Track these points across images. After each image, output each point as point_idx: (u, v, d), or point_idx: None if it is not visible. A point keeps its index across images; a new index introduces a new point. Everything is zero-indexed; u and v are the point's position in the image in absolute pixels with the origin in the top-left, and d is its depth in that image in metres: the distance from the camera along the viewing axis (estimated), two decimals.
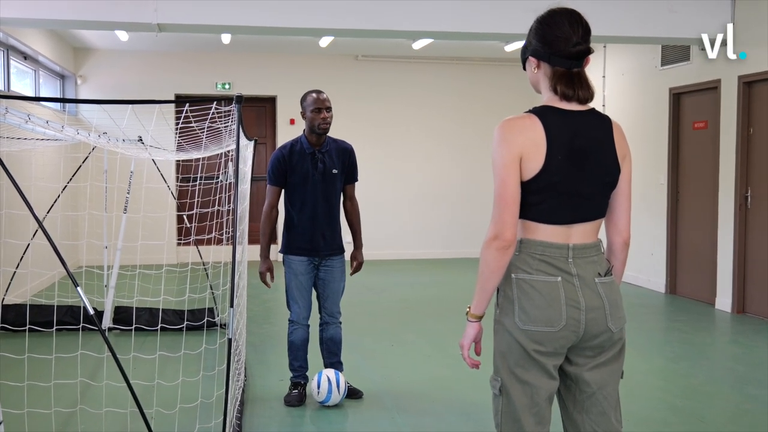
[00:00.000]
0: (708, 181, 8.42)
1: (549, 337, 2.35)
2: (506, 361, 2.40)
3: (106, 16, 7.07)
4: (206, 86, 11.81)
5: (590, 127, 2.42)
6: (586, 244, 2.41)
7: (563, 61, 2.38)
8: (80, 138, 4.91)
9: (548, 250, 2.37)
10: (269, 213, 4.90)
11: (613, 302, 2.42)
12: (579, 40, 2.37)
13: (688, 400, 5.16)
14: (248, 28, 7.64)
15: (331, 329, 4.95)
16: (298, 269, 4.83)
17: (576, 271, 2.37)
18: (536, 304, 2.34)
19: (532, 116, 2.38)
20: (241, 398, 4.73)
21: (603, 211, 2.48)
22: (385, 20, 7.42)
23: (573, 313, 2.34)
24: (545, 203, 2.36)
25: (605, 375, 2.45)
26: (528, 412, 2.39)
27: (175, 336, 6.06)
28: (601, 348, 2.42)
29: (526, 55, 2.48)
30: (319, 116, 4.76)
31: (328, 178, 4.81)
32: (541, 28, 2.43)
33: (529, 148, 2.33)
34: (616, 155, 2.45)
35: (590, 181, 2.40)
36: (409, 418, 4.66)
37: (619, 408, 2.51)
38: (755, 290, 7.80)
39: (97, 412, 4.28)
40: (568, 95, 2.38)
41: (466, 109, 12.55)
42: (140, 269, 6.50)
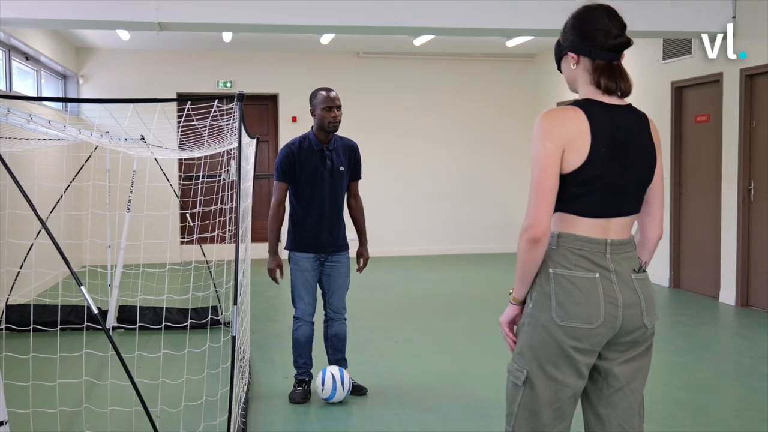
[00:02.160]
0: (711, 175, 8.41)
1: (587, 334, 2.33)
2: (537, 356, 2.37)
3: (108, 15, 7.07)
4: (208, 85, 11.81)
5: (630, 122, 2.43)
6: (622, 240, 2.41)
7: (604, 53, 2.38)
8: (82, 138, 4.91)
9: (587, 245, 2.36)
10: (277, 209, 4.87)
11: (648, 298, 2.41)
12: (618, 32, 2.39)
13: (693, 393, 5.15)
14: (249, 26, 7.64)
15: (336, 325, 4.95)
16: (305, 266, 4.83)
17: (613, 266, 2.36)
18: (575, 300, 2.33)
19: (576, 108, 2.37)
20: (246, 396, 4.73)
21: (639, 206, 2.49)
22: (386, 17, 7.42)
23: (611, 310, 2.34)
24: (587, 196, 2.36)
25: (634, 370, 2.44)
26: (549, 407, 2.38)
27: (179, 334, 6.08)
28: (634, 343, 2.42)
29: (564, 52, 2.48)
30: (330, 114, 4.76)
31: (335, 175, 4.82)
32: (579, 22, 2.42)
33: (573, 140, 2.32)
34: (654, 151, 2.46)
35: (629, 175, 2.40)
36: (414, 415, 4.67)
37: (643, 404, 2.51)
38: (759, 283, 7.79)
39: (102, 411, 4.29)
40: (611, 88, 2.39)
41: (469, 104, 12.54)
42: (144, 268, 6.51)
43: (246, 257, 5.11)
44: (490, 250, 12.27)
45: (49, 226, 3.33)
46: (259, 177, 11.94)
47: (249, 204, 5.31)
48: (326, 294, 4.96)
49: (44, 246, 3.37)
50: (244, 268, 4.88)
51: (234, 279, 3.40)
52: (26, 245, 6.35)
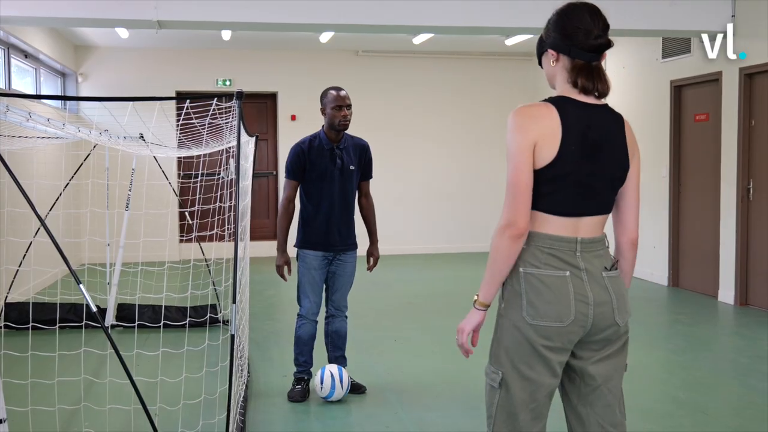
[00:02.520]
0: (710, 174, 8.41)
1: (558, 332, 2.33)
2: (510, 356, 2.38)
3: (107, 13, 7.07)
4: (207, 83, 11.81)
5: (604, 122, 2.42)
6: (593, 238, 2.40)
7: (584, 53, 2.37)
8: (81, 136, 4.91)
9: (557, 243, 2.36)
10: (287, 207, 4.92)
11: (620, 296, 2.41)
12: (600, 33, 2.37)
13: (692, 392, 5.16)
14: (248, 24, 7.64)
15: (336, 322, 4.97)
16: (312, 264, 4.84)
17: (584, 265, 2.36)
18: (545, 299, 2.33)
19: (549, 105, 2.37)
20: (245, 394, 4.73)
21: (610, 206, 2.48)
22: (385, 15, 7.42)
23: (581, 308, 2.34)
24: (556, 194, 2.35)
25: (610, 368, 2.44)
26: (526, 407, 2.38)
27: (178, 333, 6.07)
28: (607, 341, 2.42)
29: (544, 48, 2.47)
30: (340, 113, 4.78)
31: (345, 174, 4.84)
32: (561, 20, 2.41)
33: (544, 136, 2.32)
34: (627, 152, 2.45)
35: (601, 174, 2.40)
36: (413, 413, 4.67)
37: (622, 400, 2.52)
38: (758, 282, 7.79)
39: (100, 409, 4.29)
40: (588, 88, 2.38)
41: (468, 103, 12.54)
42: (143, 266, 6.51)
43: (245, 256, 5.11)
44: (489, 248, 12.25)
45: (48, 224, 3.33)
46: (258, 175, 11.94)
47: (248, 202, 5.31)
48: (329, 291, 4.98)
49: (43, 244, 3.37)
50: (243, 266, 4.88)
51: (233, 277, 3.40)
52: (25, 243, 6.35)
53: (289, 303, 8.65)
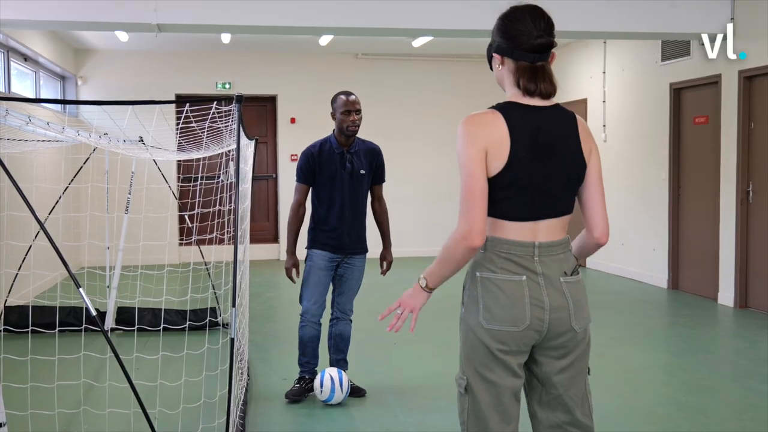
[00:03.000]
0: (709, 176, 8.41)
1: (513, 336, 2.33)
2: (471, 360, 2.40)
3: (106, 16, 7.07)
4: (207, 86, 11.82)
5: (554, 123, 2.40)
6: (552, 241, 2.38)
7: (526, 54, 2.36)
8: (81, 139, 4.91)
9: (514, 248, 2.35)
10: (297, 210, 4.93)
11: (577, 302, 2.39)
12: (541, 33, 2.35)
13: (691, 394, 5.15)
14: (248, 27, 7.64)
15: (340, 325, 4.97)
16: (320, 264, 4.86)
17: (541, 269, 2.35)
18: (500, 304, 2.33)
19: (495, 112, 2.36)
20: (245, 397, 4.73)
21: (569, 207, 2.46)
22: (385, 18, 7.42)
23: (537, 313, 2.33)
24: (510, 200, 2.34)
25: (571, 377, 2.43)
26: (493, 410, 2.37)
27: (178, 336, 6.07)
28: (566, 348, 2.40)
29: (491, 53, 2.47)
30: (349, 118, 4.81)
31: (355, 178, 4.87)
32: (503, 23, 2.42)
33: (493, 144, 2.31)
34: (581, 150, 2.43)
35: (555, 176, 2.38)
36: (413, 416, 4.66)
37: (586, 403, 2.48)
38: (757, 285, 7.79)
39: (100, 412, 4.29)
40: (530, 89, 2.37)
41: (467, 105, 12.51)
42: (142, 269, 6.51)
43: (245, 258, 5.11)
44: None
45: (48, 228, 3.33)
46: (258, 178, 11.95)
47: (248, 205, 5.31)
48: (335, 293, 5.00)
49: (43, 247, 3.38)
50: (243, 269, 4.88)
51: (232, 281, 3.40)
52: (25, 247, 6.35)
53: (289, 305, 8.65)
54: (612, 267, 9.93)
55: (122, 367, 3.19)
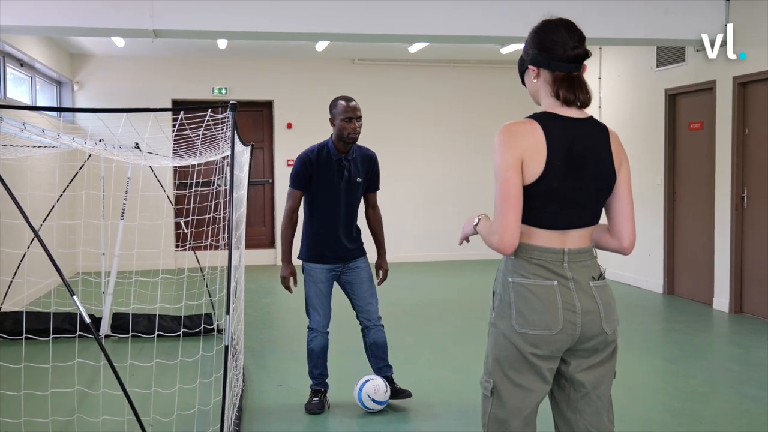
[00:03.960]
0: (704, 182, 8.43)
1: (546, 341, 2.38)
2: (500, 364, 2.44)
3: (102, 22, 7.07)
4: (203, 91, 11.82)
5: (588, 135, 2.45)
6: (580, 249, 2.44)
7: (563, 65, 2.42)
8: (76, 146, 4.91)
9: (544, 254, 2.40)
10: (290, 217, 4.78)
11: (607, 305, 2.46)
12: (576, 44, 2.42)
13: (687, 401, 5.16)
14: (244, 33, 7.65)
15: (372, 333, 4.84)
16: (318, 277, 4.73)
17: (571, 275, 2.40)
18: (534, 308, 2.38)
19: (533, 122, 2.41)
20: (240, 404, 4.72)
21: (597, 218, 2.51)
22: (381, 24, 7.43)
23: (569, 317, 2.38)
24: (542, 208, 2.40)
25: (599, 375, 2.48)
26: (518, 415, 2.43)
27: (174, 342, 6.06)
28: (596, 350, 2.46)
29: (525, 66, 2.52)
30: (349, 126, 4.67)
31: (352, 186, 4.75)
32: (538, 36, 2.47)
33: (530, 153, 2.36)
34: (613, 163, 2.48)
35: (586, 187, 2.43)
36: (408, 423, 4.66)
37: (611, 408, 2.55)
38: (753, 290, 7.81)
39: (94, 420, 4.28)
40: (569, 99, 2.42)
41: (464, 111, 12.56)
42: (138, 276, 6.50)
43: (240, 264, 5.11)
44: (485, 256, 12.25)
45: (43, 234, 3.33)
46: (254, 183, 11.94)
47: (243, 211, 5.31)
48: (354, 302, 4.86)
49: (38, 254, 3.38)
50: (239, 275, 4.88)
51: (227, 288, 3.40)
52: (20, 254, 6.34)
53: (286, 311, 8.66)
54: (608, 272, 9.88)
55: (116, 375, 3.18)
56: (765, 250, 7.61)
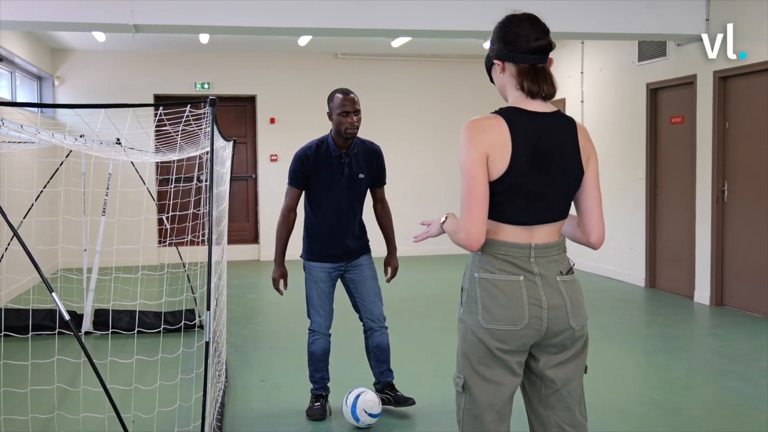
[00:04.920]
0: (685, 176, 8.49)
1: (512, 336, 2.39)
2: (469, 359, 2.45)
3: (82, 17, 7.02)
4: (185, 86, 11.76)
5: (555, 130, 2.45)
6: (548, 243, 2.44)
7: (526, 56, 2.42)
8: (55, 142, 4.87)
9: (511, 250, 2.40)
10: (287, 216, 4.54)
11: (574, 300, 2.46)
12: (539, 35, 2.42)
13: (667, 393, 5.20)
14: (226, 28, 7.62)
15: (377, 336, 4.62)
16: (319, 276, 4.51)
17: (538, 270, 2.41)
18: (499, 303, 2.38)
19: (498, 117, 2.41)
20: (222, 400, 4.71)
21: (565, 212, 2.52)
22: (363, 19, 7.42)
23: (535, 312, 2.38)
24: (508, 204, 2.40)
25: (569, 372, 2.49)
26: (491, 409, 2.43)
27: (156, 338, 6.04)
28: (564, 345, 2.46)
29: (491, 62, 2.52)
30: (347, 120, 4.44)
31: (354, 183, 4.50)
32: (502, 30, 2.48)
33: (494, 149, 2.36)
34: (580, 157, 2.48)
35: (553, 183, 2.43)
36: (394, 419, 4.67)
37: (583, 402, 2.56)
38: (733, 283, 7.87)
39: (74, 417, 4.26)
40: (534, 91, 2.42)
41: (447, 104, 12.57)
42: (120, 272, 6.47)
43: (222, 260, 5.09)
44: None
45: (23, 231, 3.31)
46: (237, 179, 11.91)
47: (225, 207, 5.30)
48: (358, 302, 4.64)
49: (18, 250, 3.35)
50: (221, 270, 4.86)
51: (207, 284, 3.39)
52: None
53: (270, 306, 8.65)
54: (590, 266, 9.98)
55: (96, 372, 3.17)
56: (745, 243, 7.68)
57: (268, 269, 4.89)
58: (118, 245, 6.09)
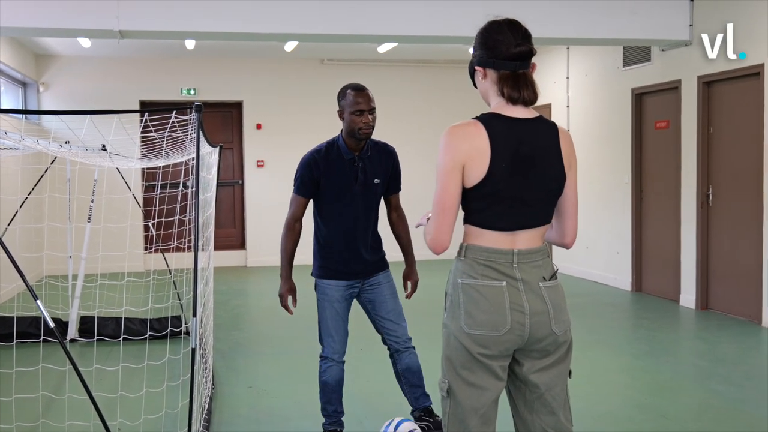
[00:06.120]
0: (671, 180, 8.54)
1: (494, 341, 2.39)
2: (453, 364, 2.45)
3: (68, 23, 7.00)
4: (171, 92, 11.73)
5: (536, 135, 2.45)
6: (531, 249, 2.45)
7: (507, 63, 2.42)
8: (40, 148, 4.85)
9: (493, 255, 2.41)
10: (292, 226, 4.03)
11: (557, 306, 2.46)
12: (520, 42, 2.42)
13: (653, 396, 5.22)
14: (211, 34, 7.61)
15: (405, 358, 4.20)
16: (334, 296, 4.06)
17: (520, 275, 2.41)
18: (482, 309, 2.39)
19: (478, 123, 2.41)
20: (209, 407, 4.70)
21: (548, 217, 2.52)
22: (350, 25, 7.43)
23: (517, 317, 2.39)
24: (489, 210, 2.41)
25: (553, 377, 2.50)
26: (474, 413, 2.44)
27: (142, 345, 6.02)
28: (547, 351, 2.47)
29: (473, 68, 2.53)
30: (360, 120, 3.93)
31: (369, 189, 4.02)
32: (482, 36, 2.48)
33: (472, 156, 2.37)
34: (562, 163, 2.49)
35: (535, 188, 2.44)
36: (378, 420, 4.66)
37: (568, 406, 2.57)
38: (718, 286, 7.92)
39: (60, 425, 4.24)
40: (514, 97, 2.42)
41: (434, 110, 12.59)
42: (106, 279, 6.44)
43: (209, 266, 5.08)
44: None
45: (7, 238, 3.29)
46: (224, 185, 11.88)
47: (212, 213, 5.29)
48: (378, 324, 4.21)
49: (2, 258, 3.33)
50: (207, 276, 4.85)
51: (193, 290, 3.38)
52: None
53: (257, 312, 8.64)
54: (577, 270, 10.02)
55: (81, 379, 3.15)
56: (730, 247, 7.73)
57: (255, 275, 4.88)
58: (104, 252, 6.05)
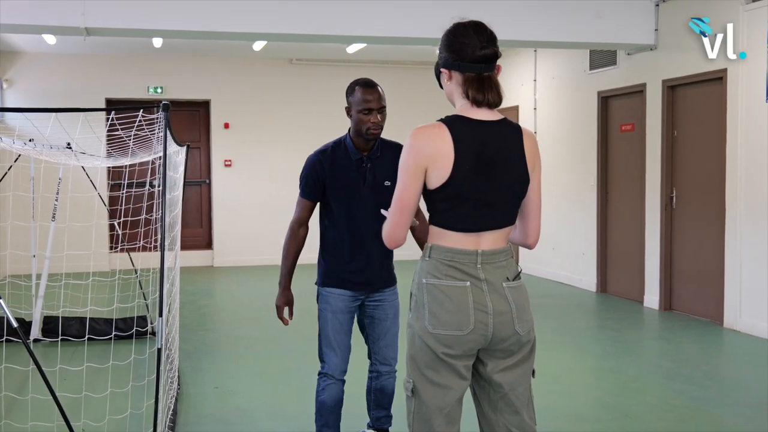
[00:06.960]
0: (635, 182, 8.65)
1: (458, 341, 2.41)
2: (417, 364, 2.47)
3: (33, 19, 6.89)
4: (138, 90, 11.62)
5: (500, 137, 2.47)
6: (495, 250, 2.47)
7: (472, 66, 2.43)
8: (3, 146, 4.79)
9: (457, 256, 2.43)
10: (296, 231, 3.75)
11: (520, 306, 2.48)
12: (485, 44, 2.43)
13: (618, 396, 5.29)
14: (179, 32, 7.55)
15: (383, 379, 3.97)
16: (338, 306, 3.75)
17: (484, 276, 2.43)
18: (445, 309, 2.40)
19: (442, 125, 2.42)
20: (174, 407, 4.66)
21: (512, 219, 2.54)
22: (318, 25, 7.42)
23: (481, 317, 2.41)
24: (453, 211, 2.43)
25: (516, 376, 2.52)
26: (439, 413, 2.45)
27: (107, 345, 5.96)
28: (510, 351, 2.49)
29: (439, 69, 2.54)
30: (369, 118, 3.71)
31: (378, 192, 3.68)
32: (448, 39, 2.49)
33: (435, 158, 2.38)
34: (526, 165, 2.51)
35: (499, 190, 2.46)
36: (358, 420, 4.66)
37: (531, 406, 2.59)
38: (681, 288, 8.04)
39: (22, 426, 4.19)
40: (479, 100, 2.43)
41: (402, 110, 12.57)
42: (70, 278, 6.36)
43: (175, 265, 5.05)
44: None
45: None
46: (191, 184, 11.80)
47: (178, 212, 5.25)
48: (370, 340, 3.96)
49: None
50: (173, 276, 4.82)
51: (159, 290, 3.36)
52: None
53: (222, 313, 8.58)
54: (543, 271, 10.11)
55: (45, 379, 3.12)
56: (692, 248, 7.85)
57: (222, 275, 4.86)
58: (69, 251, 5.98)
